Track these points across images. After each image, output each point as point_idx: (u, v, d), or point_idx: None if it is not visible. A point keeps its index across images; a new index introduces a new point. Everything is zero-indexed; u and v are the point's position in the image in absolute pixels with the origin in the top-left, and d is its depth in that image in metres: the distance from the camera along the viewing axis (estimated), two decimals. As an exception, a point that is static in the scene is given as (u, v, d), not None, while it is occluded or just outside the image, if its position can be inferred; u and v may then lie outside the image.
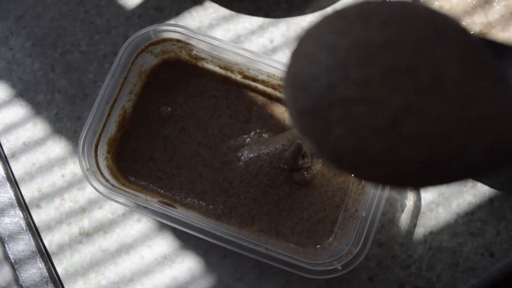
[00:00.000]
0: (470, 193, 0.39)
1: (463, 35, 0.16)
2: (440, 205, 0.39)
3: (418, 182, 0.16)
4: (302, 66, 0.16)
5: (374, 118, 0.15)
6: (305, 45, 0.16)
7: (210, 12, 0.43)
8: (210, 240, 0.34)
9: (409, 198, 0.39)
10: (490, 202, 0.39)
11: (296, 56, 0.16)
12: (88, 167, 0.34)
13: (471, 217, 0.39)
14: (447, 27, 0.16)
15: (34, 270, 0.38)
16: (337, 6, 0.43)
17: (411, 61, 0.15)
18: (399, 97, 0.15)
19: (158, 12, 0.43)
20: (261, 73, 0.37)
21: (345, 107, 0.15)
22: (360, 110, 0.15)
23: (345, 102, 0.15)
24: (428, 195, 0.39)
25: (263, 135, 0.38)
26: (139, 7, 0.43)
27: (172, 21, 0.43)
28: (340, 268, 0.33)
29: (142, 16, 0.43)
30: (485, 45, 0.16)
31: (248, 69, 0.37)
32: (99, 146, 0.35)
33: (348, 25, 0.16)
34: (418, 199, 0.39)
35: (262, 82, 0.38)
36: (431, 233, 0.38)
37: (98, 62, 0.42)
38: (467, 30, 0.16)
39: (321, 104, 0.15)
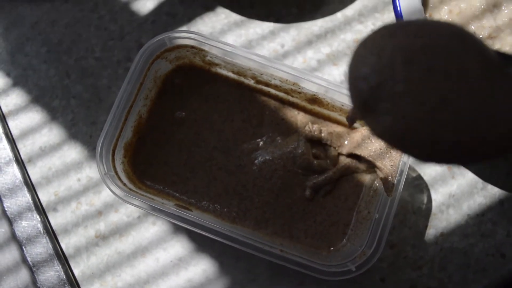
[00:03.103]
0: (481, 195, 0.39)
1: (480, 44, 0.20)
2: (450, 206, 0.39)
3: (450, 160, 0.20)
4: (357, 68, 0.20)
5: (417, 109, 0.19)
6: (359, 50, 0.21)
7: (221, 18, 0.43)
8: (225, 242, 0.35)
9: (420, 200, 0.39)
10: (500, 203, 0.39)
11: (352, 58, 0.21)
12: (106, 171, 0.35)
13: (481, 219, 0.39)
14: (468, 37, 0.20)
15: (52, 273, 0.39)
16: (347, 11, 0.43)
17: (443, 63, 0.19)
18: (436, 92, 0.19)
19: (170, 18, 0.44)
20: (273, 78, 0.38)
21: (392, 100, 0.19)
22: (405, 102, 0.19)
23: (393, 95, 0.19)
24: (439, 196, 0.39)
25: (276, 138, 0.38)
26: (152, 13, 0.44)
27: (184, 27, 0.43)
28: (354, 269, 0.33)
29: (155, 22, 0.44)
30: (497, 55, 0.20)
31: (261, 74, 0.38)
32: (116, 150, 0.36)
33: (389, 33, 0.20)
34: (429, 200, 0.39)
35: (275, 87, 0.39)
36: (442, 234, 0.39)
37: (112, 68, 0.43)
38: (482, 41, 0.20)
39: (373, 97, 0.19)
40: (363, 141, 0.37)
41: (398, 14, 0.37)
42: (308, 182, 0.37)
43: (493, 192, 0.39)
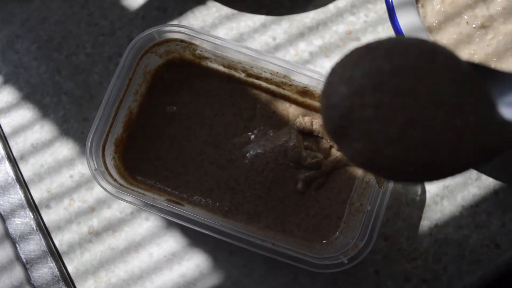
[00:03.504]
0: (475, 186, 0.39)
1: (451, 59, 0.20)
2: (445, 197, 0.39)
3: (421, 179, 0.21)
4: (328, 97, 0.21)
5: (386, 132, 0.19)
6: (330, 79, 0.21)
7: (212, 11, 0.43)
8: (217, 236, 0.35)
9: (414, 192, 0.39)
10: (495, 194, 0.39)
11: (324, 88, 0.21)
12: (96, 167, 0.35)
13: (476, 209, 0.39)
14: (438, 54, 0.20)
15: (46, 270, 0.39)
16: (339, 3, 0.43)
17: (412, 84, 0.19)
18: (405, 114, 0.19)
19: (161, 12, 0.44)
20: (264, 71, 0.37)
21: (362, 125, 0.19)
22: (375, 127, 0.19)
23: (362, 121, 0.19)
24: (433, 188, 0.39)
25: (268, 131, 0.38)
26: (142, 8, 0.44)
27: (175, 21, 0.43)
28: (346, 261, 0.33)
29: (145, 17, 0.43)
30: (472, 68, 0.20)
31: (252, 67, 0.37)
32: (106, 146, 0.36)
33: (358, 58, 0.20)
34: (423, 192, 0.39)
35: (266, 79, 0.38)
36: (436, 225, 0.39)
37: (103, 64, 0.43)
38: (455, 55, 0.20)
39: (344, 124, 0.20)
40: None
41: (389, 5, 0.37)
42: (300, 175, 0.37)
43: (487, 182, 0.39)
